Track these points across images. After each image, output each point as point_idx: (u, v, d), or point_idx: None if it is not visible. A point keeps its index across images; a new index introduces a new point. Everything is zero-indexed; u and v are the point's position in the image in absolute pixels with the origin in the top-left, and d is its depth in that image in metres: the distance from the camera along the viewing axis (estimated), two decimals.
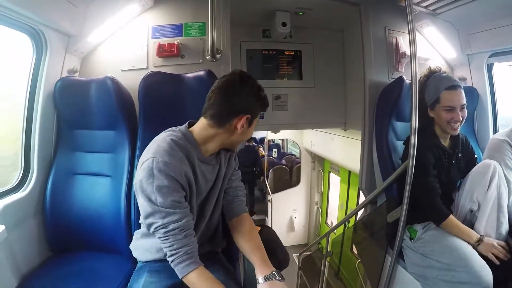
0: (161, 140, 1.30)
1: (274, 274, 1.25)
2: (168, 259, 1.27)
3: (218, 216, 1.55)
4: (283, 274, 1.30)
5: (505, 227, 1.77)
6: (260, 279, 1.24)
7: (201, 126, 1.36)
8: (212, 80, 2.00)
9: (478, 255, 1.68)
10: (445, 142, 1.97)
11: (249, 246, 1.38)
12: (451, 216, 1.81)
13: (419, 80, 1.99)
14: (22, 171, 1.86)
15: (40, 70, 1.87)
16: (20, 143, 1.87)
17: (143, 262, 1.51)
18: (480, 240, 1.72)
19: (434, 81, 1.96)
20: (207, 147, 1.38)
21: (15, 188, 1.80)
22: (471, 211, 1.84)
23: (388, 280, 2.08)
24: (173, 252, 1.25)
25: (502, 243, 1.71)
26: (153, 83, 1.90)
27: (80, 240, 1.86)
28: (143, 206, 1.25)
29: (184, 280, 1.26)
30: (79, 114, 1.94)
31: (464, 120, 1.90)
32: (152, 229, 1.27)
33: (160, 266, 1.43)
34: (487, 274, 1.58)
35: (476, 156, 2.08)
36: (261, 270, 1.26)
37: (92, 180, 1.91)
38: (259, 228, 1.53)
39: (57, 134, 1.98)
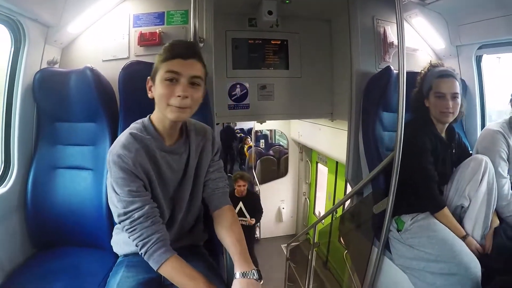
0: (122, 134, 1.31)
1: (253, 273, 1.21)
2: (140, 252, 1.24)
3: (197, 208, 1.51)
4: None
5: (491, 222, 1.78)
6: (237, 274, 1.20)
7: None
8: None
9: (467, 247, 1.68)
10: (442, 133, 1.96)
11: (230, 240, 1.32)
12: (446, 208, 1.81)
13: (420, 73, 2.01)
14: (2, 166, 1.80)
15: (18, 62, 1.80)
16: None
17: (123, 257, 1.48)
18: (463, 238, 1.74)
19: (430, 72, 1.95)
20: (169, 134, 1.36)
21: None
22: (462, 207, 1.83)
23: (375, 271, 2.07)
24: (144, 241, 1.22)
25: (480, 248, 1.73)
26: (133, 73, 1.85)
27: (63, 235, 1.82)
28: (110, 198, 1.29)
29: (160, 271, 1.22)
30: (59, 106, 1.88)
31: (457, 111, 1.89)
32: (118, 221, 1.27)
33: (138, 261, 1.38)
34: (476, 266, 1.58)
35: (471, 152, 2.08)
36: (240, 266, 1.22)
37: (74, 173, 1.86)
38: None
39: (38, 128, 1.92)
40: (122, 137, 1.29)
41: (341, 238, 3.72)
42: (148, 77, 1.32)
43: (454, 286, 1.58)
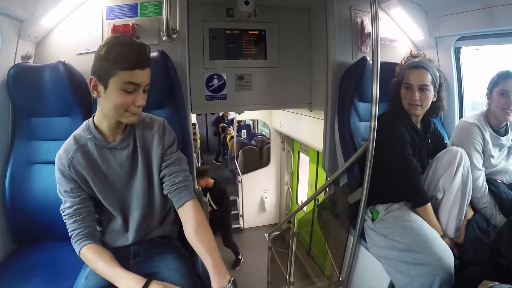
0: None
1: (232, 285, 1.17)
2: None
3: (161, 203, 1.50)
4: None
5: (465, 214, 1.82)
6: None
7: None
8: (166, 61, 1.95)
9: (440, 238, 1.71)
10: (417, 124, 1.98)
11: (200, 249, 1.27)
12: (429, 204, 1.82)
13: (400, 64, 2.04)
14: None
15: None
16: None
17: None
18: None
19: (407, 62, 1.97)
20: (113, 131, 1.39)
21: None
22: (436, 198, 1.86)
23: (351, 260, 2.11)
24: (70, 233, 1.36)
25: (454, 249, 1.75)
26: None
27: (43, 230, 1.82)
28: None
29: (81, 257, 1.33)
30: (34, 102, 1.87)
31: (426, 103, 1.90)
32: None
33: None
34: (449, 256, 1.61)
35: (446, 142, 2.11)
36: (217, 281, 1.18)
37: (51, 168, 1.80)
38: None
39: (13, 123, 1.90)
40: (68, 138, 1.40)
41: (320, 227, 3.77)
42: (92, 76, 1.28)
43: (427, 276, 1.59)
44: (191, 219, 1.35)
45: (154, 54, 1.88)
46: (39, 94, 1.84)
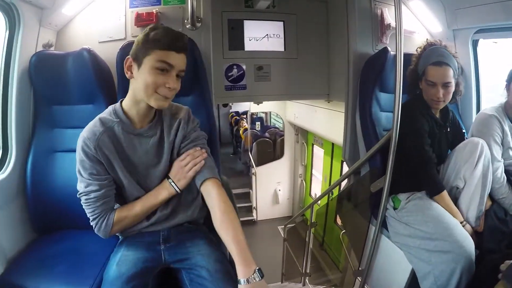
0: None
1: (256, 275, 1.15)
2: (91, 224, 1.38)
3: (188, 188, 1.46)
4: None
5: (485, 204, 1.82)
6: (241, 280, 1.15)
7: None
8: (193, 48, 1.94)
9: (461, 226, 1.71)
10: (436, 114, 1.97)
11: (226, 236, 1.24)
12: (445, 192, 1.83)
13: (416, 52, 2.01)
14: (1, 152, 1.78)
15: (13, 45, 1.76)
16: None
17: (123, 238, 1.50)
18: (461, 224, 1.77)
19: (426, 53, 1.94)
20: (141, 117, 1.38)
21: None
22: (457, 188, 1.86)
23: (372, 249, 2.11)
24: (95, 216, 1.36)
25: (474, 235, 1.75)
26: None
27: (64, 219, 1.81)
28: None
29: (115, 226, 1.38)
30: (56, 89, 1.85)
31: (448, 98, 1.89)
32: (78, 195, 1.37)
33: (138, 241, 1.42)
34: (470, 244, 1.61)
35: (464, 131, 2.10)
36: (242, 271, 1.15)
37: (73, 157, 1.81)
38: None
39: (35, 112, 1.89)
40: (92, 121, 1.37)
41: (339, 217, 3.77)
42: (128, 56, 1.31)
43: (448, 263, 1.60)
44: (216, 205, 1.32)
45: None
46: (62, 82, 1.83)
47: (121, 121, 1.36)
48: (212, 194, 1.35)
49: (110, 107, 1.41)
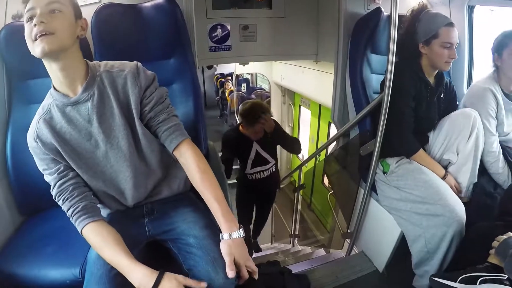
0: None
1: (238, 233, 1.16)
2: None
3: (158, 156, 1.35)
4: None
5: (475, 177, 1.83)
6: (225, 235, 1.15)
7: None
8: (174, 8, 1.80)
9: (451, 190, 1.72)
10: (430, 78, 1.92)
11: (207, 195, 1.21)
12: (421, 150, 1.84)
13: (409, 14, 1.94)
14: None
15: None
16: None
17: (106, 215, 1.40)
18: (444, 177, 1.80)
19: (430, 16, 1.87)
20: (62, 82, 1.21)
21: None
22: (449, 162, 1.86)
23: (362, 213, 2.14)
24: (67, 215, 1.26)
25: (457, 185, 1.81)
26: (107, 18, 1.71)
27: (50, 198, 1.72)
28: None
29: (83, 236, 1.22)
30: (30, 63, 1.70)
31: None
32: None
33: (120, 216, 1.36)
34: (461, 209, 1.63)
35: (458, 103, 2.07)
36: (227, 226, 1.16)
37: None
38: None
39: (9, 88, 1.76)
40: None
41: (327, 180, 3.79)
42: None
43: (439, 227, 1.63)
44: (193, 165, 1.25)
45: (160, 0, 1.77)
46: None
47: (54, 99, 1.23)
48: (187, 154, 1.27)
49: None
